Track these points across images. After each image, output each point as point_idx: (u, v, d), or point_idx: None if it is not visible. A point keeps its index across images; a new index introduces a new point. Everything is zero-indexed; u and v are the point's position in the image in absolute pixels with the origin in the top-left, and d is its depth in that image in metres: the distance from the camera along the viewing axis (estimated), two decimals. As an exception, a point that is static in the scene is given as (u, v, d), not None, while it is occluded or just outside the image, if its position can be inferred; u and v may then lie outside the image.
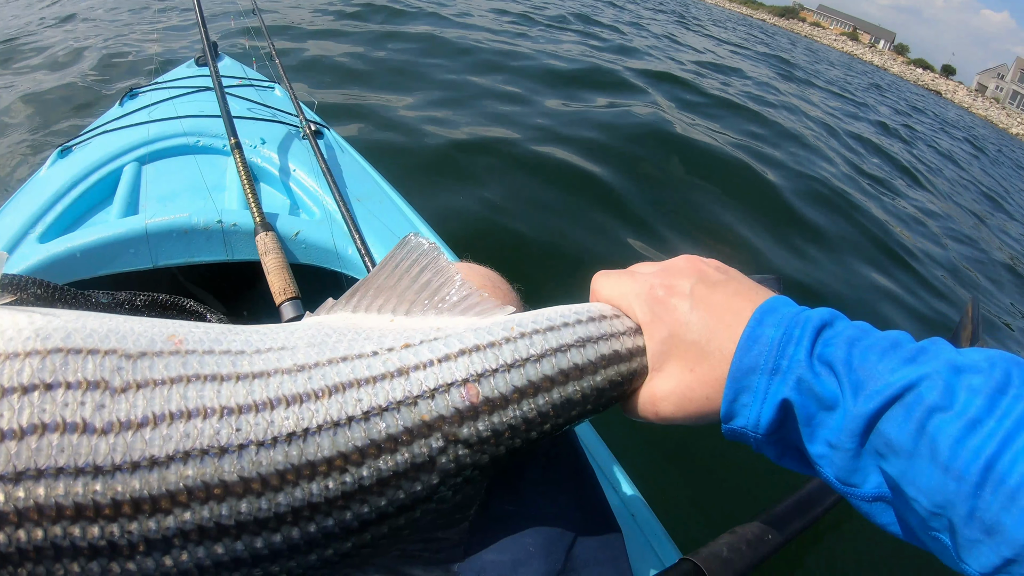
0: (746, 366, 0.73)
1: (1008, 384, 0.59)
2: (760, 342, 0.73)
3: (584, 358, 0.80)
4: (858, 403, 0.64)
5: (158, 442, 0.57)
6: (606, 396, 0.82)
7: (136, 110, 2.46)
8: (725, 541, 1.05)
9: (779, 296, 0.79)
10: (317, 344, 0.73)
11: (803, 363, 0.69)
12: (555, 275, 3.46)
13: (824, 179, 7.08)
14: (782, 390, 0.71)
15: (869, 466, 0.67)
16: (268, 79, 3.17)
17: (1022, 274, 7.84)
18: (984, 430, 0.56)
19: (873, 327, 0.72)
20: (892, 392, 0.62)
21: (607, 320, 0.85)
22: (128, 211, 1.81)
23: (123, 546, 0.55)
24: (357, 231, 1.83)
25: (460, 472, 0.71)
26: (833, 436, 0.68)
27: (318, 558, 0.66)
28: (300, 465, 0.62)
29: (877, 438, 0.63)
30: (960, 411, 0.58)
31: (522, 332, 0.78)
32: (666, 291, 0.83)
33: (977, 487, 0.55)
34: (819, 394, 0.68)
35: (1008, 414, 0.56)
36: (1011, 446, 0.54)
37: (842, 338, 0.69)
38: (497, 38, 8.70)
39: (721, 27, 28.49)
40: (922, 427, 0.59)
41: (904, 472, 0.61)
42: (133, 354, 0.62)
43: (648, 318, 0.84)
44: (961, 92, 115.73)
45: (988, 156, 21.37)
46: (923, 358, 0.64)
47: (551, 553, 0.82)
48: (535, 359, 0.77)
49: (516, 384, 0.74)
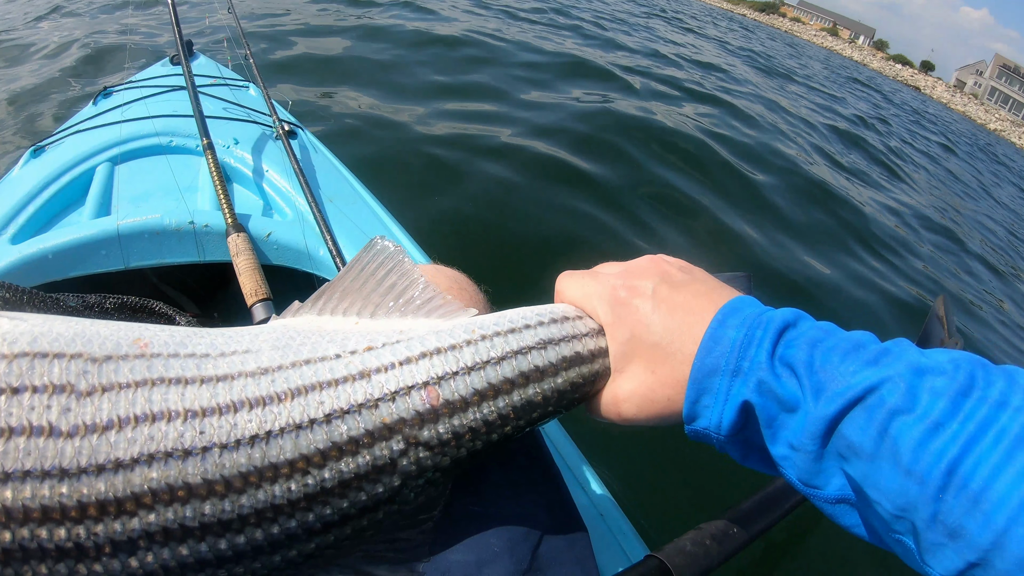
0: (707, 367, 0.73)
1: (972, 387, 0.59)
2: (721, 343, 0.72)
3: (545, 360, 0.80)
4: (819, 405, 0.64)
5: (123, 445, 0.58)
6: (567, 398, 0.82)
7: (109, 109, 2.44)
8: (690, 537, 1.04)
9: (743, 296, 0.79)
10: (281, 347, 0.73)
11: (764, 365, 0.69)
12: (541, 267, 3.48)
13: (801, 170, 7.19)
14: (743, 392, 0.71)
15: (831, 468, 0.66)
16: (243, 78, 3.15)
17: (991, 261, 7.95)
18: (947, 433, 0.56)
19: (838, 328, 0.72)
20: (853, 394, 0.62)
21: (569, 322, 0.85)
22: (100, 212, 1.81)
23: (89, 548, 0.56)
24: (329, 232, 1.84)
25: (421, 474, 0.72)
26: (795, 438, 0.67)
27: (282, 559, 0.66)
28: (263, 467, 0.62)
29: (839, 440, 0.63)
30: (922, 414, 0.58)
31: (483, 334, 0.79)
32: (628, 292, 0.82)
33: (940, 491, 0.55)
34: (780, 396, 0.67)
35: (971, 417, 0.56)
36: (974, 450, 0.54)
37: (804, 339, 0.69)
38: (474, 31, 8.68)
39: (700, 21, 28.48)
40: (884, 430, 0.59)
41: (866, 475, 0.61)
42: (99, 358, 0.62)
43: (610, 319, 0.83)
44: (940, 88, 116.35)
45: (962, 150, 21.53)
46: (886, 360, 0.64)
47: (516, 553, 0.82)
48: (495, 361, 0.77)
49: (476, 387, 0.75)
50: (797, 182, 6.86)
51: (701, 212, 5.21)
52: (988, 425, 0.55)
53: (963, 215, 10.13)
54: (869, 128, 13.90)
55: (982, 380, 0.59)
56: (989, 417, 0.56)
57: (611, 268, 0.90)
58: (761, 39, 36.20)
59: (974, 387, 0.58)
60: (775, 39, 47.18)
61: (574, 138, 5.76)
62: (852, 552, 2.47)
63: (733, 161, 6.54)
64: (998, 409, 0.56)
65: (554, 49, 9.09)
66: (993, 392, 0.58)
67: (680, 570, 0.98)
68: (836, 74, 31.22)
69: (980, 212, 11.34)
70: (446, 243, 3.61)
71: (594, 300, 0.86)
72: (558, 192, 4.64)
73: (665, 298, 0.80)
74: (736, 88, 11.18)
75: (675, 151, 6.25)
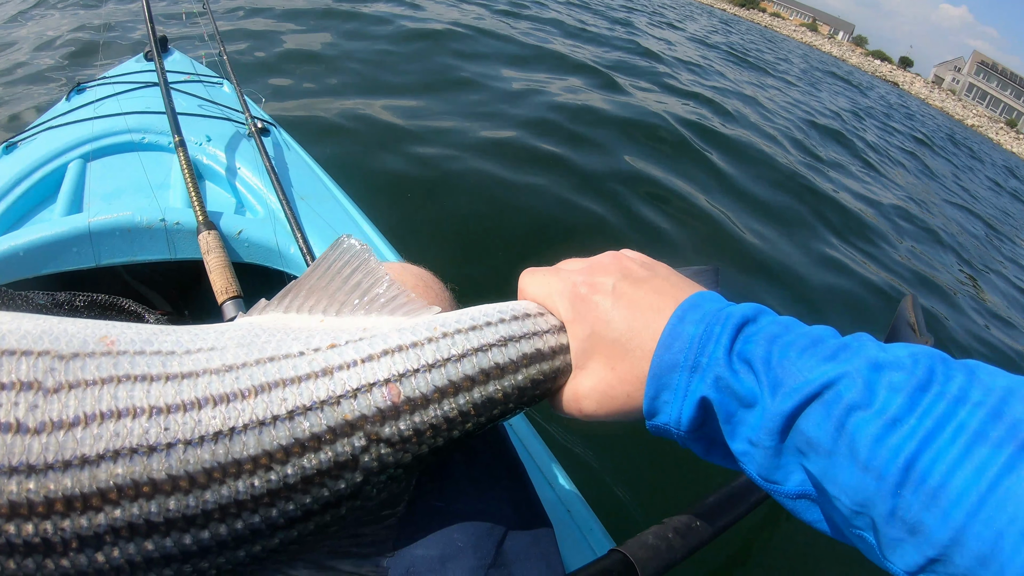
0: (666, 364, 0.73)
1: (930, 382, 0.58)
2: (680, 339, 0.72)
3: (505, 357, 0.81)
4: (776, 401, 0.64)
5: (89, 441, 0.58)
6: (528, 394, 0.83)
7: (82, 105, 2.43)
8: (653, 532, 1.04)
9: (705, 292, 0.79)
10: (246, 344, 0.73)
11: (721, 361, 0.69)
12: (518, 258, 3.48)
13: (779, 163, 7.27)
14: (701, 388, 0.71)
15: (791, 464, 0.66)
16: (217, 75, 3.13)
17: (968, 249, 8.06)
18: (904, 429, 0.56)
19: (799, 323, 0.72)
20: (810, 390, 0.62)
21: (531, 318, 0.86)
22: (72, 209, 1.80)
23: (57, 543, 0.56)
24: (300, 230, 1.84)
25: (384, 470, 0.72)
26: (753, 434, 0.67)
27: (246, 554, 0.66)
28: (226, 463, 0.63)
29: (797, 436, 0.63)
30: (880, 409, 0.57)
31: (444, 332, 0.79)
32: (589, 288, 0.83)
33: (897, 486, 0.55)
34: (737, 392, 0.67)
35: (929, 413, 0.56)
36: (932, 445, 0.54)
37: (763, 335, 0.69)
38: (454, 24, 8.66)
39: (677, 13, 28.48)
40: (841, 425, 0.59)
41: (825, 470, 0.61)
42: (66, 355, 0.62)
43: (571, 316, 0.84)
44: (918, 84, 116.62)
45: (936, 144, 21.70)
46: (844, 355, 0.64)
47: (480, 548, 0.83)
48: (456, 359, 0.77)
49: (437, 384, 0.75)
50: (773, 173, 6.97)
51: (677, 199, 5.27)
52: (946, 420, 0.55)
53: (937, 204, 10.24)
54: (845, 121, 14.00)
55: (941, 375, 0.59)
56: (947, 412, 0.55)
57: (573, 265, 0.91)
58: (740, 32, 36.29)
59: (933, 382, 0.58)
60: (754, 33, 47.31)
61: (550, 130, 5.79)
62: (814, 548, 2.49)
63: (707, 149, 6.63)
64: (956, 404, 0.56)
65: (534, 43, 9.08)
66: (952, 387, 0.57)
67: (643, 564, 0.98)
68: (815, 68, 31.34)
69: (954, 202, 11.46)
70: (417, 238, 3.62)
71: (555, 297, 0.87)
72: (532, 184, 4.65)
73: (625, 294, 0.80)
74: (712, 82, 11.22)
75: (652, 141, 6.32)
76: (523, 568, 0.87)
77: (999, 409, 0.55)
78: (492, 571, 0.83)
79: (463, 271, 3.46)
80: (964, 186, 14.90)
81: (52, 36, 6.67)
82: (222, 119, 2.44)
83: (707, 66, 13.17)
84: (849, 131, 12.71)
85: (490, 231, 4.00)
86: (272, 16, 7.69)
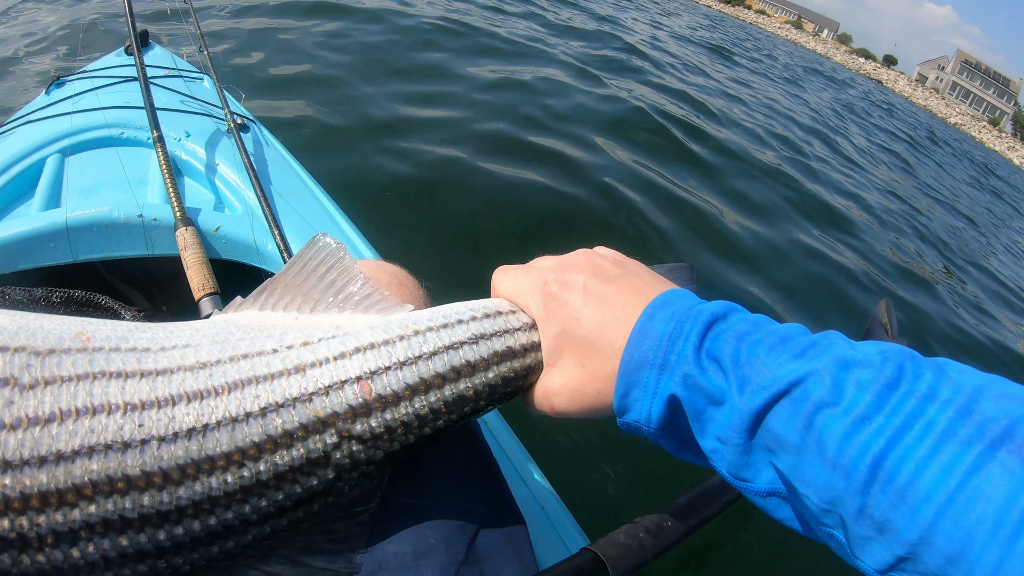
0: (636, 361, 0.73)
1: (899, 380, 0.58)
2: (650, 337, 0.72)
3: (477, 355, 0.81)
4: (744, 399, 0.64)
5: (64, 437, 0.58)
6: (499, 392, 0.83)
7: (62, 99, 2.41)
8: (624, 531, 1.04)
9: (677, 289, 0.79)
10: (220, 342, 0.73)
11: (690, 359, 0.69)
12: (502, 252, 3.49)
13: (759, 158, 7.34)
14: (670, 385, 0.71)
15: (760, 462, 0.66)
16: (197, 70, 3.11)
17: (950, 241, 8.15)
18: (872, 427, 0.55)
19: (769, 320, 0.71)
20: (778, 388, 0.62)
21: (502, 316, 0.86)
22: (50, 204, 1.80)
23: (32, 539, 0.56)
24: (277, 227, 1.83)
25: (356, 467, 0.73)
26: (722, 431, 0.67)
27: (220, 550, 0.67)
28: (199, 460, 0.63)
29: (765, 434, 0.63)
30: (848, 407, 0.57)
31: (416, 330, 0.80)
32: (560, 287, 0.83)
33: (866, 484, 0.55)
34: (706, 390, 0.68)
35: (897, 411, 0.56)
36: (900, 443, 0.54)
37: (732, 332, 0.69)
38: (432, 17, 8.65)
39: (661, 8, 28.49)
40: (809, 423, 0.59)
41: (794, 468, 0.61)
42: (42, 351, 0.63)
43: (542, 314, 0.84)
44: (902, 82, 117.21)
45: (919, 141, 21.88)
46: (812, 352, 0.64)
47: (452, 544, 0.83)
48: (427, 356, 0.78)
49: (408, 382, 0.76)
50: (755, 168, 7.05)
51: (659, 192, 5.29)
52: (915, 418, 0.55)
53: (914, 197, 10.34)
54: (827, 118, 14.09)
55: (910, 373, 0.59)
56: (916, 410, 0.55)
57: (545, 262, 0.91)
58: (725, 28, 36.39)
59: (902, 380, 0.58)
60: (740, 29, 47.47)
61: (532, 123, 5.82)
62: (785, 546, 2.50)
63: (690, 142, 6.66)
64: (925, 402, 0.56)
65: (513, 37, 9.07)
66: (921, 385, 0.57)
67: (614, 563, 0.98)
68: (798, 65, 31.45)
69: (937, 195, 11.57)
70: (403, 232, 3.64)
71: (526, 295, 0.87)
72: (520, 179, 4.66)
73: (596, 292, 0.80)
74: (695, 78, 11.26)
75: (633, 133, 6.33)
76: (495, 564, 0.87)
77: (968, 407, 0.54)
78: (464, 568, 0.83)
79: (449, 265, 3.46)
80: (944, 182, 15.03)
81: (35, 31, 6.61)
82: (201, 115, 2.42)
83: (691, 62, 13.19)
84: (833, 129, 12.79)
85: (479, 226, 4.02)
86: (258, 13, 7.63)
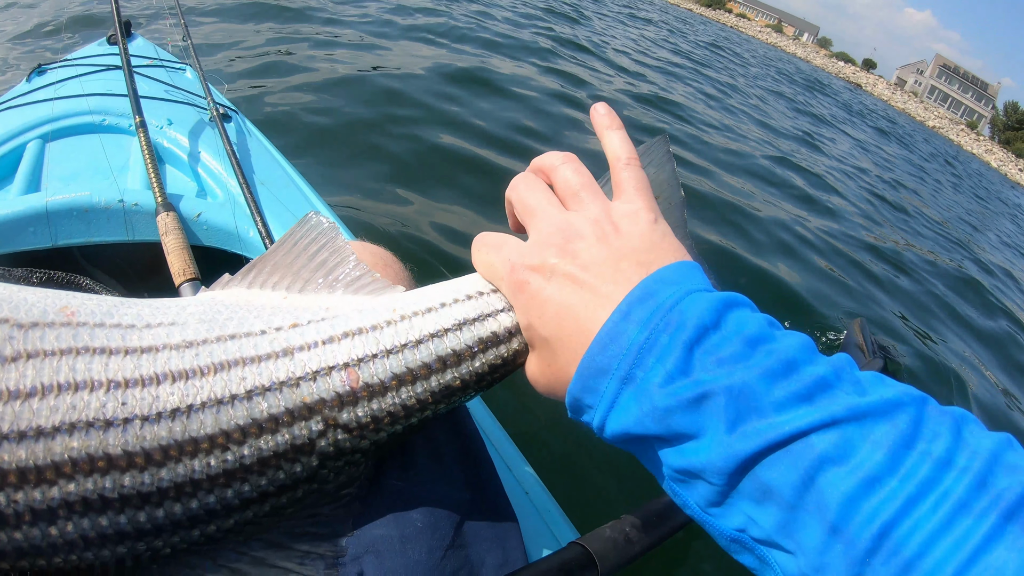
0: (596, 367, 0.65)
1: (915, 437, 0.52)
2: (619, 341, 0.64)
3: (462, 343, 0.78)
4: (732, 439, 0.56)
5: (45, 412, 0.57)
6: (487, 379, 0.80)
7: (43, 87, 2.40)
8: (614, 525, 1.04)
9: (667, 270, 0.68)
10: (207, 320, 0.72)
11: (658, 388, 0.60)
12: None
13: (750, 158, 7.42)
14: (632, 409, 0.63)
15: (737, 505, 0.59)
16: (180, 61, 3.10)
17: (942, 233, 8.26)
18: (883, 490, 0.50)
19: (771, 331, 0.62)
20: (777, 436, 0.54)
21: (483, 297, 0.82)
22: (29, 189, 1.79)
23: (9, 515, 0.55)
24: (259, 214, 1.83)
25: (340, 456, 0.71)
26: (696, 466, 0.59)
27: (201, 534, 0.66)
28: (183, 441, 0.62)
29: (752, 482, 0.56)
30: (857, 465, 0.51)
31: (402, 315, 0.77)
32: (528, 273, 0.73)
33: (867, 554, 0.49)
34: (679, 426, 0.59)
35: (912, 475, 0.50)
36: (912, 512, 0.48)
37: (723, 352, 0.60)
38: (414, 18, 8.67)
39: (647, 13, 28.63)
40: (810, 479, 0.52)
41: (783, 525, 0.54)
42: (25, 324, 0.61)
43: (513, 303, 0.78)
44: (881, 85, 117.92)
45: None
46: (821, 396, 0.56)
47: (438, 529, 0.82)
48: (413, 344, 0.75)
49: (394, 371, 0.73)
50: (738, 157, 7.15)
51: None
52: (930, 486, 0.49)
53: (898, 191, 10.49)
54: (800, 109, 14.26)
55: (927, 431, 0.53)
56: (932, 476, 0.50)
57: (515, 242, 0.79)
58: (711, 32, 36.66)
59: (917, 438, 0.52)
60: (721, 33, 47.89)
61: (525, 130, 5.84)
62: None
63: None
64: (942, 468, 0.50)
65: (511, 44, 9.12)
66: (938, 447, 0.52)
67: (603, 557, 0.98)
68: (774, 67, 31.74)
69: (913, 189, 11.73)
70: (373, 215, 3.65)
71: (498, 281, 0.81)
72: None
73: (565, 282, 0.70)
74: (670, 83, 11.34)
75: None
76: (481, 549, 0.87)
77: (984, 477, 0.50)
78: (450, 552, 0.82)
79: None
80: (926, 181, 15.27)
81: (17, 22, 6.57)
82: (184, 104, 2.42)
83: (671, 66, 13.29)
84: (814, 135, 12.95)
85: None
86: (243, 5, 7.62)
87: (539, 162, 0.84)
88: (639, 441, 0.65)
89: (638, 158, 0.81)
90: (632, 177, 0.78)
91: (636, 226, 0.73)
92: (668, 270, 0.68)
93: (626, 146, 0.81)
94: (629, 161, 0.80)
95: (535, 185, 0.81)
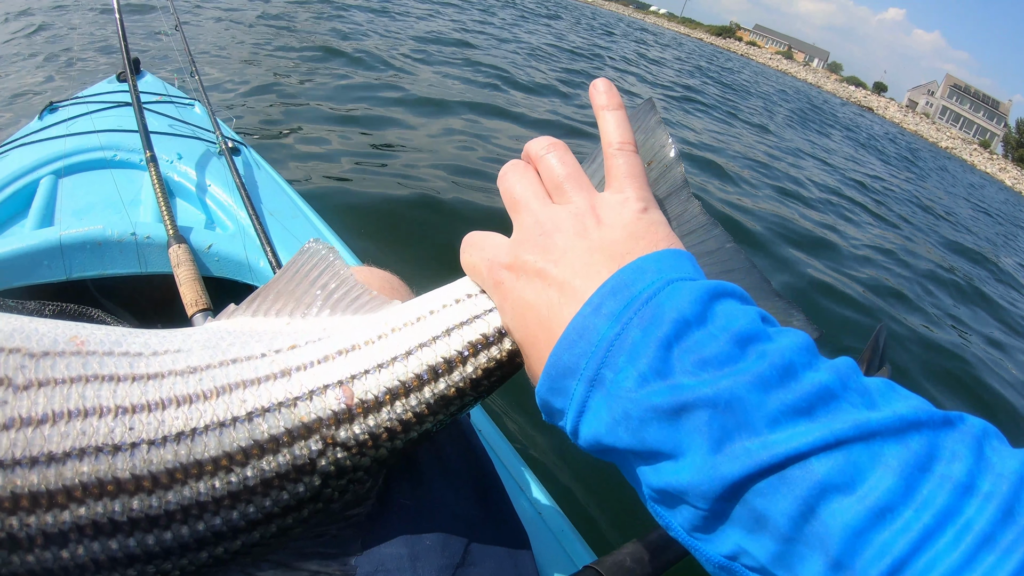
0: (563, 366, 0.59)
1: (931, 459, 0.46)
2: (587, 337, 0.57)
3: (451, 350, 0.75)
4: (718, 460, 0.49)
5: (56, 439, 0.58)
6: (484, 385, 0.77)
7: (55, 124, 2.43)
8: (628, 551, 1.02)
9: (646, 259, 0.62)
10: (211, 347, 0.73)
11: (630, 392, 0.54)
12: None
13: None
14: (602, 415, 0.56)
15: (724, 533, 0.51)
16: (188, 97, 3.15)
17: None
18: (897, 522, 0.43)
19: (764, 326, 0.55)
20: (771, 458, 0.47)
21: (471, 299, 0.79)
22: (43, 223, 1.80)
23: (22, 539, 0.56)
24: (269, 244, 1.86)
25: (342, 475, 0.71)
26: (676, 487, 0.52)
27: (209, 555, 0.66)
28: (188, 464, 0.63)
29: (742, 509, 0.49)
30: (865, 493, 0.44)
31: (393, 327, 0.77)
32: (505, 272, 0.70)
33: None
34: (654, 442, 0.53)
35: (929, 504, 0.44)
36: (930, 547, 0.42)
37: (708, 352, 0.52)
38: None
39: (655, 43, 28.75)
40: (810, 509, 0.45)
41: (779, 558, 0.48)
42: (36, 353, 0.62)
43: (495, 303, 0.74)
44: (892, 108, 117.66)
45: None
46: (823, 411, 0.49)
47: (448, 547, 0.82)
48: (403, 356, 0.74)
49: (386, 384, 0.73)
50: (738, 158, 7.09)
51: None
52: (949, 516, 0.43)
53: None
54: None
55: (945, 450, 0.46)
56: (951, 505, 0.44)
57: (497, 240, 0.75)
58: (721, 61, 36.84)
59: (935, 460, 0.46)
60: (733, 62, 48.09)
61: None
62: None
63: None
64: (963, 495, 0.44)
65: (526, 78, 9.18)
66: (957, 470, 0.45)
67: None
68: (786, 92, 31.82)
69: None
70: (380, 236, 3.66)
71: (480, 279, 0.76)
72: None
73: (538, 279, 0.66)
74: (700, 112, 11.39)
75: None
76: (491, 567, 0.86)
77: (1012, 505, 0.44)
78: (460, 570, 0.82)
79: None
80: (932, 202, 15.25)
81: (29, 60, 6.65)
82: (193, 138, 2.45)
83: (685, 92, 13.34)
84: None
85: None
86: (248, 38, 7.68)
87: (527, 149, 0.79)
88: (616, 453, 0.58)
89: (632, 142, 0.76)
90: (624, 163, 0.74)
91: (620, 217, 0.68)
92: (649, 258, 0.61)
93: (620, 129, 0.76)
94: (621, 146, 0.75)
95: (523, 175, 0.76)
